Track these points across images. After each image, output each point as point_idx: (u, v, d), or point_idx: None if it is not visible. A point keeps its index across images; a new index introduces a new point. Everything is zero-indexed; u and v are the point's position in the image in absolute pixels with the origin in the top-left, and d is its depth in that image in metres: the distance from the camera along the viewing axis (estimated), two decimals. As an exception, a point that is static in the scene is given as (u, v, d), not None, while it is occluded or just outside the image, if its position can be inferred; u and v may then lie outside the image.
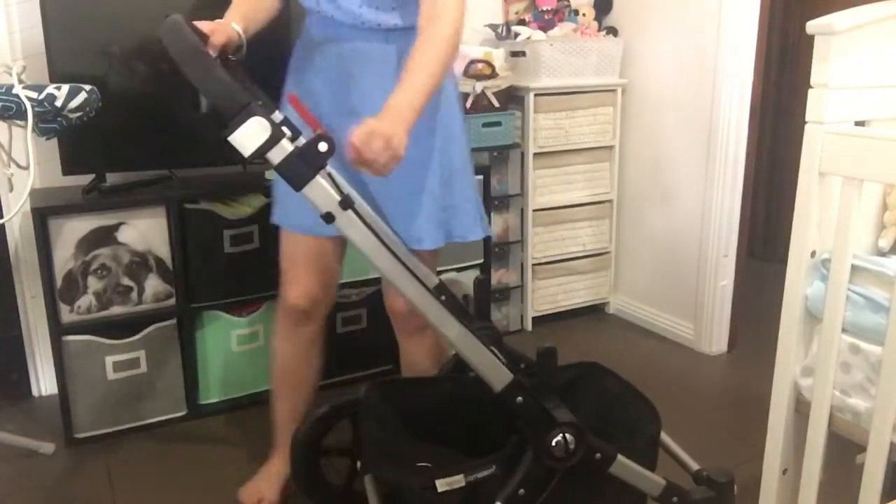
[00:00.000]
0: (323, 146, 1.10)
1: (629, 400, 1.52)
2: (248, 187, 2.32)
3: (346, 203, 1.14)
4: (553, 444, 1.25)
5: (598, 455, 1.29)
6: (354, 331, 2.51)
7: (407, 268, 1.18)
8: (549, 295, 3.04)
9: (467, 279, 2.71)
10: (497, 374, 1.23)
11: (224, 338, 2.34)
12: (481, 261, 2.72)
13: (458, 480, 1.25)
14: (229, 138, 1.07)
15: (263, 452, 1.92)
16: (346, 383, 2.51)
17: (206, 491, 1.95)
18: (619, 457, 1.31)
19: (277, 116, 1.31)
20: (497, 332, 1.56)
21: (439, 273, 2.61)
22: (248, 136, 1.07)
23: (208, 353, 2.34)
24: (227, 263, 2.26)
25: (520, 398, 1.23)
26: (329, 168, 1.18)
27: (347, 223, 1.15)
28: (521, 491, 1.25)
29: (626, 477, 1.33)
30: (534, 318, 3.01)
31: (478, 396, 1.51)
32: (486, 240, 2.71)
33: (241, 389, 2.41)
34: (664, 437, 1.52)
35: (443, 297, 1.52)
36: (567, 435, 1.25)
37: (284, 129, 1.11)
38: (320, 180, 1.12)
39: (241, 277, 2.29)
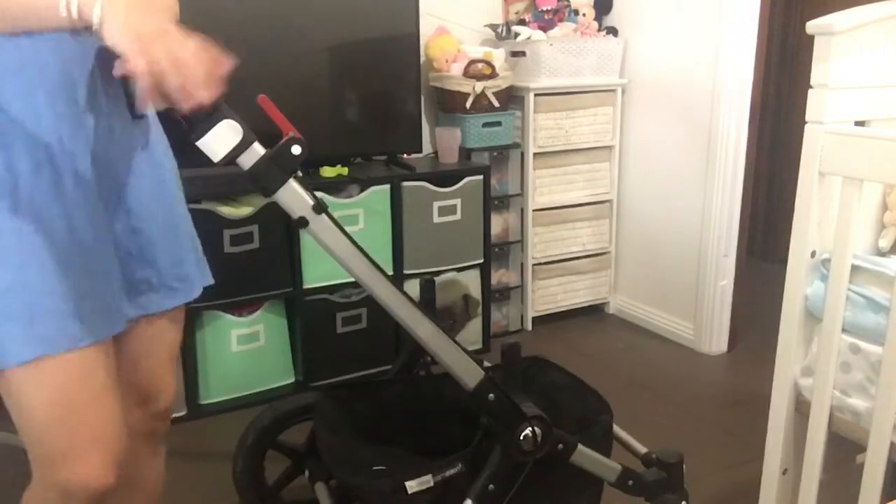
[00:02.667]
0: (296, 149, 1.06)
1: (576, 392, 1.57)
2: (248, 187, 2.31)
3: (320, 207, 1.11)
4: (522, 437, 1.27)
5: (560, 446, 1.33)
6: (354, 331, 2.51)
7: (381, 270, 1.18)
8: (549, 295, 3.03)
9: (466, 279, 2.71)
10: (469, 371, 1.23)
11: (224, 338, 2.34)
12: (481, 261, 2.72)
13: (426, 481, 1.27)
14: (198, 143, 1.01)
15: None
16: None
17: (206, 490, 1.95)
18: (580, 446, 1.35)
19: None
20: (450, 330, 1.57)
21: (439, 273, 2.63)
22: (219, 139, 1.01)
23: (208, 353, 2.34)
24: (227, 263, 2.26)
25: (491, 395, 1.25)
26: (299, 172, 1.14)
27: (322, 227, 1.12)
28: (491, 486, 1.27)
29: (585, 465, 1.37)
30: (534, 318, 3.01)
31: (427, 396, 1.60)
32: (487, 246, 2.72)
33: (241, 389, 2.41)
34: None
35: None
36: (535, 428, 1.28)
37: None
38: (294, 183, 1.09)
39: (241, 277, 2.29)
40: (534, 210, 2.91)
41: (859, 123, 1.40)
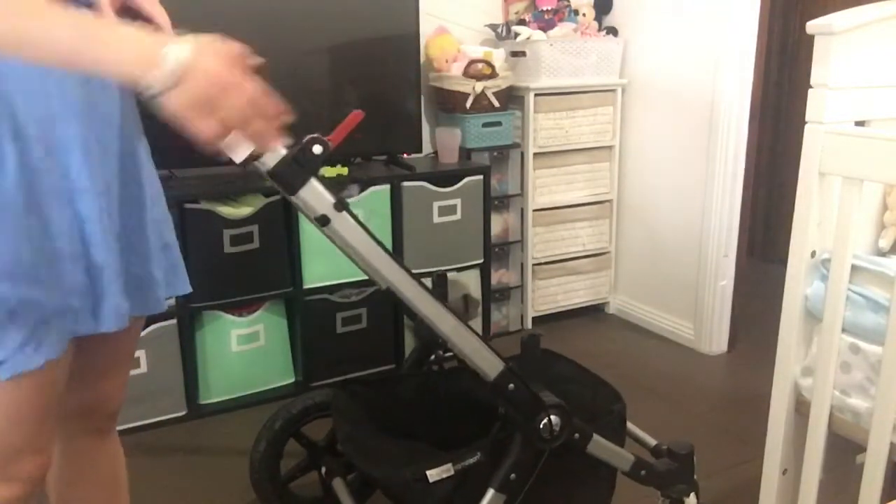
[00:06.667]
0: (318, 148, 1.05)
1: (586, 383, 1.59)
2: (248, 187, 2.32)
3: (342, 204, 1.11)
4: (541, 426, 1.29)
5: (576, 435, 1.34)
6: (354, 331, 2.51)
7: (403, 267, 1.18)
8: (549, 295, 3.03)
9: (466, 279, 2.71)
10: (490, 363, 1.25)
11: (224, 338, 2.34)
12: (481, 261, 2.72)
13: (447, 469, 1.29)
14: (221, 143, 0.99)
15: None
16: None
17: (206, 491, 1.95)
18: (595, 436, 1.36)
19: None
20: None
21: (439, 272, 2.62)
22: (242, 140, 0.98)
23: (208, 353, 2.34)
24: (227, 263, 2.26)
25: (511, 385, 1.26)
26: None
27: (344, 225, 1.11)
28: (513, 475, 1.30)
29: (600, 455, 1.39)
30: (534, 318, 3.01)
31: (440, 390, 1.63)
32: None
33: (241, 389, 2.41)
34: None
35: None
36: (553, 417, 1.30)
37: None
38: (315, 182, 1.08)
39: (241, 277, 2.29)
40: (534, 210, 2.91)
41: (859, 123, 1.40)
